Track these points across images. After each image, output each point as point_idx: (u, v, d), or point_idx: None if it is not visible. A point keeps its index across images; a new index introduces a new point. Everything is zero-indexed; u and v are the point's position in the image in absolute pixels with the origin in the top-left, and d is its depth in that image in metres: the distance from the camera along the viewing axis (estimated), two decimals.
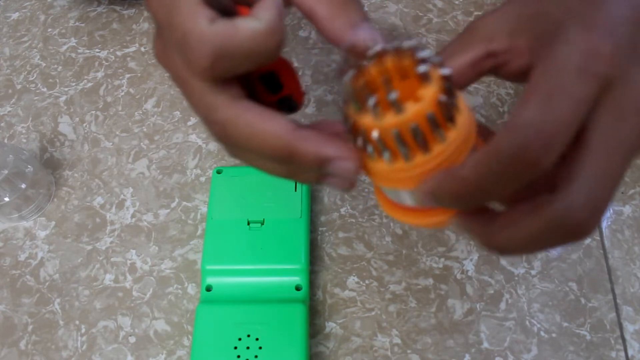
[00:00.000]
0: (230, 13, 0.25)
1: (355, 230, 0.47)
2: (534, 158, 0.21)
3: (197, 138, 0.52)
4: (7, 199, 0.46)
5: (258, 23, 0.24)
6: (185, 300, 0.44)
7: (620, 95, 0.22)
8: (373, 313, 0.43)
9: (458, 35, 0.27)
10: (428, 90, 0.23)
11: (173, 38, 0.25)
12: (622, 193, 0.47)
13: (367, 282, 0.44)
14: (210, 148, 0.51)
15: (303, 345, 0.39)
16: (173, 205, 0.49)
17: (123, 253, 0.47)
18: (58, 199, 0.50)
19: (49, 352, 0.43)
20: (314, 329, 0.43)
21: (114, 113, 0.54)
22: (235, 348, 0.39)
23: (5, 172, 0.46)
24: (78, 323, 0.44)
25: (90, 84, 0.56)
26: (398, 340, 0.42)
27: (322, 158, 0.25)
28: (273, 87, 0.30)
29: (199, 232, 0.47)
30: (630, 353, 0.41)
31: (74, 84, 0.56)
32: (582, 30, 0.22)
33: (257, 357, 0.39)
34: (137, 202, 0.49)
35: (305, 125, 0.28)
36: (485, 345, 0.42)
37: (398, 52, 0.24)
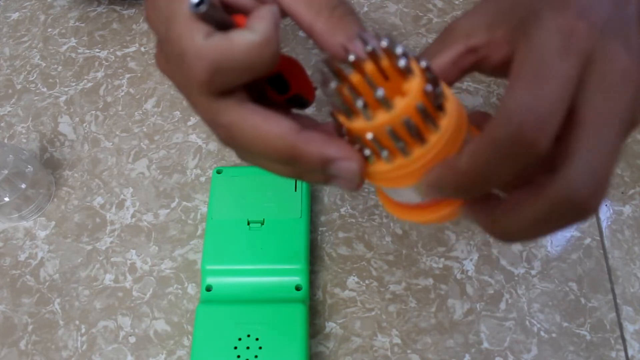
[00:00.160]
0: (227, 26, 0.25)
1: (355, 230, 0.47)
2: (530, 140, 0.21)
3: (197, 138, 0.52)
4: (7, 199, 0.46)
5: (253, 35, 0.24)
6: (185, 300, 0.44)
7: (604, 70, 0.22)
8: (373, 313, 0.43)
9: (438, 37, 0.28)
10: (413, 83, 0.23)
11: (171, 53, 0.25)
12: (622, 193, 0.47)
13: (367, 282, 0.44)
14: (210, 148, 0.51)
15: (303, 345, 0.39)
16: (173, 205, 0.49)
17: (123, 253, 0.47)
18: (58, 199, 0.50)
19: (49, 352, 0.43)
20: (314, 329, 0.43)
21: (114, 113, 0.54)
22: (235, 348, 0.39)
23: (5, 172, 0.46)
24: (78, 323, 0.44)
25: (90, 84, 0.56)
26: (398, 340, 0.42)
27: (325, 159, 0.25)
28: (280, 88, 0.30)
29: (199, 232, 0.47)
30: (630, 353, 0.41)
31: (74, 84, 0.56)
32: (556, 13, 0.23)
33: (257, 357, 0.39)
34: (137, 202, 0.49)
35: (312, 123, 0.28)
36: (485, 345, 0.42)
37: (373, 55, 0.24)
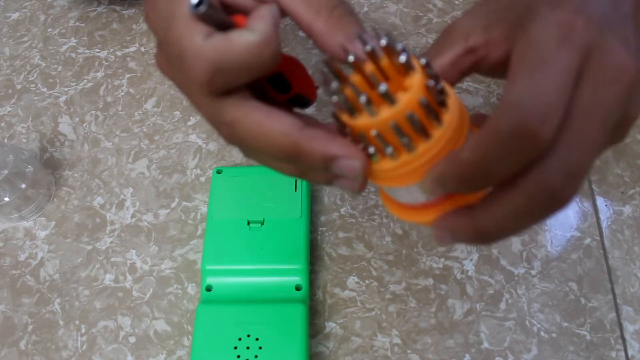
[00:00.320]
0: (226, 26, 0.25)
1: (355, 230, 0.47)
2: (533, 130, 0.21)
3: (197, 138, 0.52)
4: (7, 199, 0.46)
5: (252, 35, 0.24)
6: (185, 300, 0.44)
7: (600, 64, 0.22)
8: (373, 313, 0.43)
9: (436, 39, 0.28)
10: (414, 79, 0.23)
11: (171, 54, 0.25)
12: (622, 193, 0.47)
13: (367, 282, 0.44)
14: (210, 148, 0.51)
15: (303, 345, 0.39)
16: (173, 205, 0.49)
17: (123, 253, 0.47)
18: (58, 199, 0.50)
19: (49, 352, 0.43)
20: (314, 329, 0.43)
21: (114, 113, 0.54)
22: (235, 348, 0.39)
23: (5, 172, 0.46)
24: (78, 323, 0.44)
25: (90, 84, 0.56)
26: (398, 340, 0.42)
27: (328, 156, 0.25)
28: (282, 87, 0.29)
29: (199, 232, 0.47)
30: (630, 353, 0.41)
31: (74, 84, 0.56)
32: (552, 8, 0.23)
33: (257, 357, 0.39)
34: (137, 202, 0.49)
35: (314, 123, 0.28)
36: (485, 345, 0.42)
37: (373, 55, 0.24)
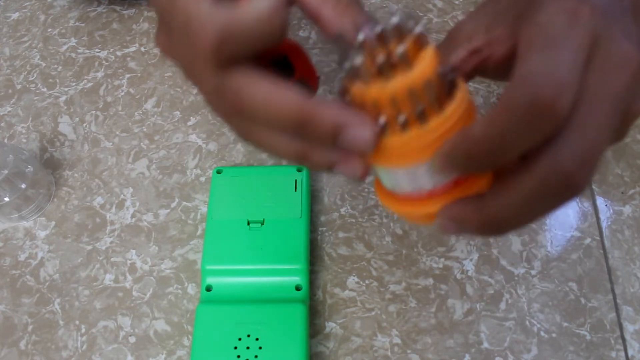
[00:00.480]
0: None
1: (355, 230, 0.47)
2: (549, 103, 0.21)
3: (197, 138, 0.52)
4: (7, 199, 0.46)
5: (263, 3, 0.23)
6: (185, 300, 0.44)
7: (606, 52, 0.23)
8: (373, 313, 0.43)
9: (439, 43, 0.28)
10: (429, 51, 0.23)
11: (176, 25, 0.25)
12: (622, 193, 0.47)
13: (367, 282, 0.44)
14: (210, 148, 0.51)
15: (303, 345, 0.39)
16: (173, 205, 0.49)
17: (123, 253, 0.47)
18: (58, 199, 0.50)
19: (49, 352, 0.43)
20: (314, 329, 0.43)
21: (114, 113, 0.54)
22: (235, 348, 0.39)
23: (5, 172, 0.46)
24: (78, 323, 0.44)
25: (90, 84, 0.56)
26: (398, 340, 0.42)
27: (338, 124, 0.24)
28: (285, 71, 0.29)
29: (199, 232, 0.47)
30: (630, 353, 0.41)
31: (74, 84, 0.56)
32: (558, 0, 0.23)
33: (257, 357, 0.39)
34: (137, 202, 0.49)
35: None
36: (485, 345, 0.42)
37: (383, 37, 0.23)
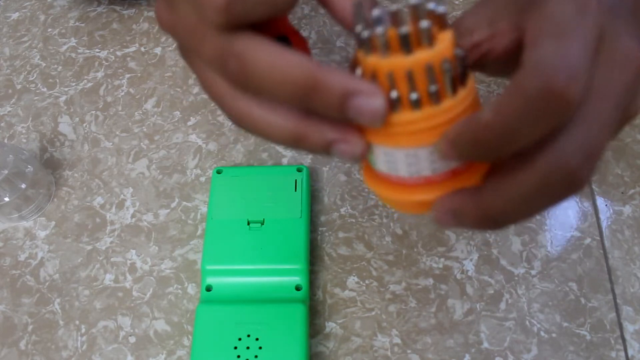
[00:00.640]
0: None
1: (355, 230, 0.47)
2: (561, 90, 0.20)
3: (197, 138, 0.52)
4: (7, 199, 0.46)
5: None
6: (185, 300, 0.44)
7: (610, 47, 0.23)
8: (373, 313, 0.43)
9: None
10: (446, 34, 0.23)
11: None
12: (622, 193, 0.47)
13: (367, 282, 0.44)
14: (210, 148, 0.51)
15: (303, 345, 0.39)
16: (173, 205, 0.49)
17: (123, 253, 0.47)
18: (58, 199, 0.50)
19: (49, 352, 0.43)
20: (314, 329, 0.43)
21: (114, 113, 0.54)
22: (235, 348, 0.39)
23: (5, 172, 0.46)
24: (78, 323, 0.44)
25: (90, 84, 0.56)
26: (398, 340, 0.42)
27: (349, 91, 0.23)
28: None
29: (199, 232, 0.47)
30: (630, 353, 0.41)
31: (74, 84, 0.56)
32: None
33: (257, 357, 0.39)
34: (137, 202, 0.49)
35: None
36: (485, 345, 0.42)
37: (397, 16, 0.23)
